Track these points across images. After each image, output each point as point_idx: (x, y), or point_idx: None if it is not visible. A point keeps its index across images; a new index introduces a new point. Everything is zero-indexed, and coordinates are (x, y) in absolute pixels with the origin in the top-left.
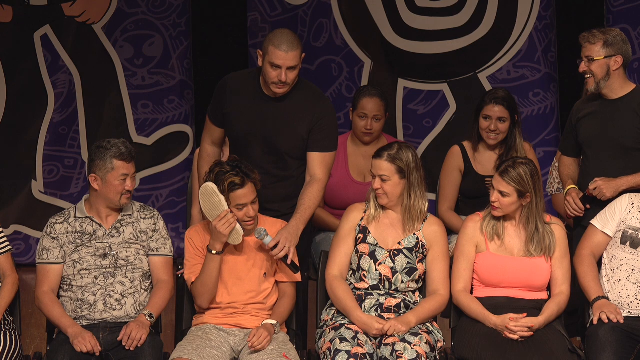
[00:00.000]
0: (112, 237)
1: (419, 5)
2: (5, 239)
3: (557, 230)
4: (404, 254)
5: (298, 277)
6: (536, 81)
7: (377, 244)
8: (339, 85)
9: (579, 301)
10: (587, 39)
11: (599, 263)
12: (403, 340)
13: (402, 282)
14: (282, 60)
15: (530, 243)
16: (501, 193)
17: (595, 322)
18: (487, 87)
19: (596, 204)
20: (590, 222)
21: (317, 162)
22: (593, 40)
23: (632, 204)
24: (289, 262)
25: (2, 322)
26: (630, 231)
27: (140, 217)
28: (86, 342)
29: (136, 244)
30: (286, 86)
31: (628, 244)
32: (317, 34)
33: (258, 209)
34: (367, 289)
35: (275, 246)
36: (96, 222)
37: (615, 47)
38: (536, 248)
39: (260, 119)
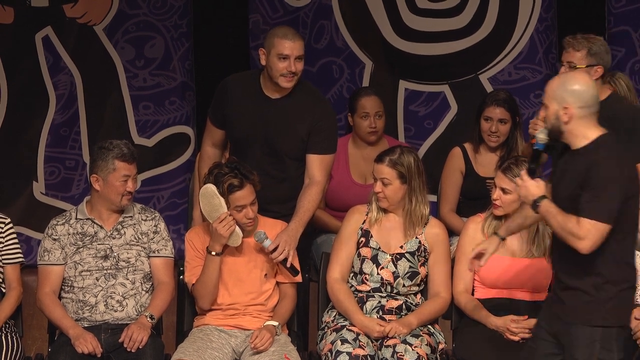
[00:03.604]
0: (113, 238)
1: (419, 7)
2: (19, 250)
3: None
4: (406, 257)
5: (299, 278)
6: (537, 82)
7: (379, 247)
8: (340, 86)
9: None
10: (571, 44)
11: None
12: (404, 341)
13: (404, 286)
14: (289, 50)
15: (531, 244)
16: (503, 190)
17: None
18: (488, 88)
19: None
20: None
21: (316, 165)
22: (578, 47)
23: None
24: (288, 265)
25: (3, 325)
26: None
27: (142, 219)
28: (87, 344)
29: (137, 245)
30: (295, 78)
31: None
32: (318, 35)
33: (257, 210)
34: (368, 291)
35: (275, 249)
36: (97, 224)
37: (597, 57)
38: (537, 249)
39: (261, 121)
